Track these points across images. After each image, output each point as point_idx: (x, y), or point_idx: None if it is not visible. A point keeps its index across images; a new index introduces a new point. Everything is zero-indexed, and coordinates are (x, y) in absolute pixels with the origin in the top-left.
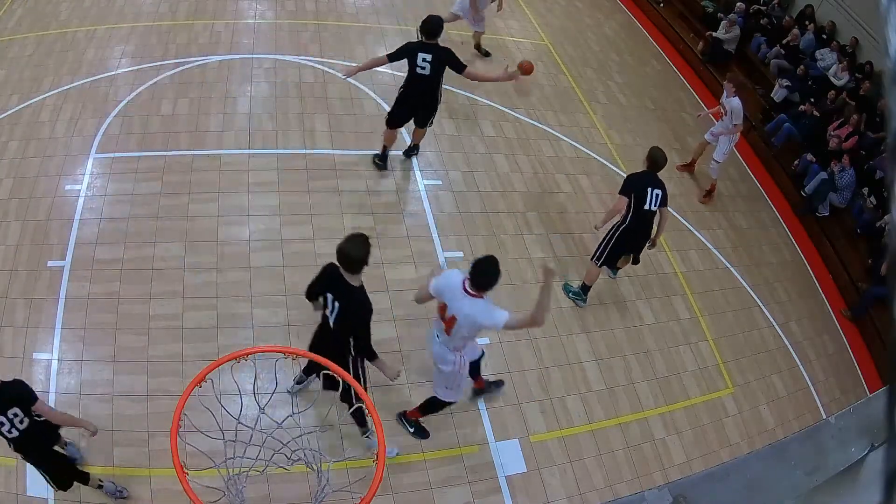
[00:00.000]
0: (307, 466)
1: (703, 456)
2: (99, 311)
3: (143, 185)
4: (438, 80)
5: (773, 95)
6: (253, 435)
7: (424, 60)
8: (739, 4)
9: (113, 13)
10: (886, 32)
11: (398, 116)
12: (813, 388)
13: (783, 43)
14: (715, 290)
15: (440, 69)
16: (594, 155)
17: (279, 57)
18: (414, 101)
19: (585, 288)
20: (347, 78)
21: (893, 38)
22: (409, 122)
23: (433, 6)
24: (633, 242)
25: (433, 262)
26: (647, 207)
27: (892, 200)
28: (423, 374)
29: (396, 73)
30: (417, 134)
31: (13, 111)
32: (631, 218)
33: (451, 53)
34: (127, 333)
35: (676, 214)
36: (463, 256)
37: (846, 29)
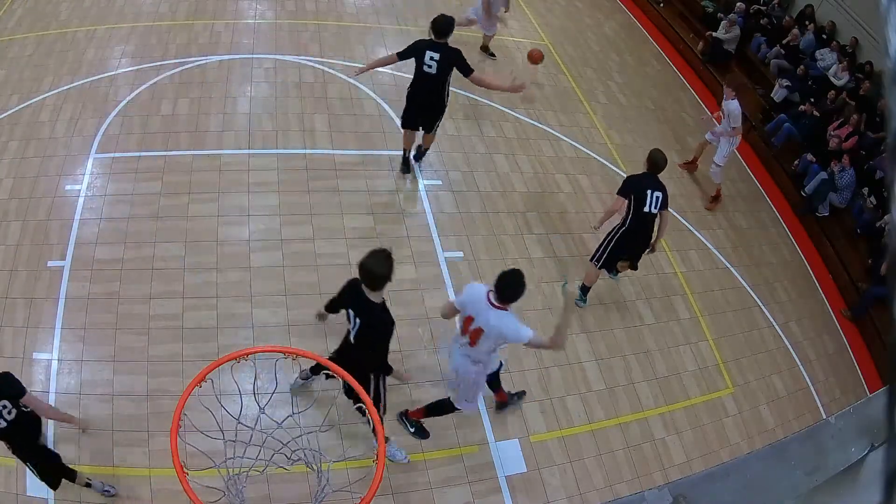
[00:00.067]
0: (307, 466)
1: (703, 456)
2: (99, 311)
3: (143, 185)
4: (445, 80)
5: (773, 95)
6: (253, 435)
7: (432, 59)
8: (739, 4)
9: (113, 13)
10: (886, 32)
11: (408, 116)
12: (813, 388)
13: (783, 43)
14: (715, 290)
15: (447, 69)
16: (594, 155)
17: (279, 57)
18: (421, 99)
19: (585, 289)
20: (358, 75)
21: (893, 38)
22: (419, 124)
23: (433, 6)
24: (632, 245)
25: (433, 261)
26: (646, 210)
27: (892, 200)
28: (422, 374)
29: (396, 73)
30: (427, 139)
31: (13, 111)
32: (631, 220)
33: (459, 55)
34: (127, 333)
35: (676, 215)
36: (463, 256)
37: (846, 29)
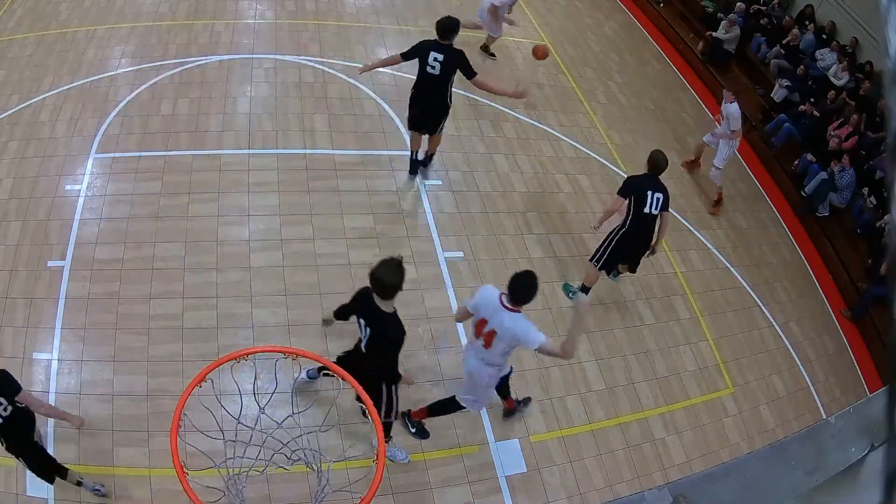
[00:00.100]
0: (307, 466)
1: (703, 456)
2: (99, 311)
3: (143, 185)
4: (448, 81)
5: (773, 95)
6: (253, 435)
7: (436, 60)
8: (739, 4)
9: (113, 13)
10: (886, 32)
11: (412, 117)
12: (813, 388)
13: (783, 43)
14: (715, 290)
15: (450, 70)
16: (594, 155)
17: (279, 57)
18: (424, 100)
19: (585, 289)
20: (360, 75)
21: (893, 38)
22: (424, 126)
23: (433, 6)
24: (632, 246)
25: (433, 261)
26: (647, 211)
27: (892, 200)
28: (423, 374)
29: (397, 73)
30: (433, 142)
31: (13, 111)
32: (631, 221)
33: (463, 57)
34: (127, 333)
35: (677, 214)
36: (463, 256)
37: (846, 29)
